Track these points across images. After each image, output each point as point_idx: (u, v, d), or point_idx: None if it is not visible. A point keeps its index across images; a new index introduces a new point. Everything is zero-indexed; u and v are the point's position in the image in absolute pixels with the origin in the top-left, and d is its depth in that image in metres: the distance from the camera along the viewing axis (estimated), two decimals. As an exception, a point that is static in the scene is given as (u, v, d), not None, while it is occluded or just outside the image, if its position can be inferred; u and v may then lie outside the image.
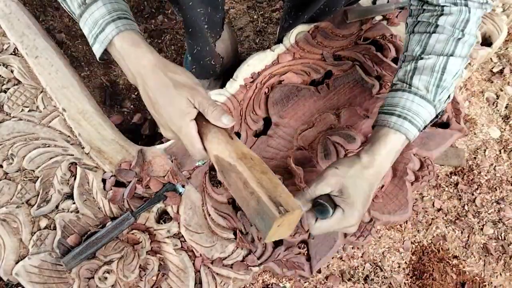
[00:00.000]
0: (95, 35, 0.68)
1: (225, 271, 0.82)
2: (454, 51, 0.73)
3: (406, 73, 0.75)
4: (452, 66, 0.73)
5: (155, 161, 0.88)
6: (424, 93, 0.73)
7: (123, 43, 0.67)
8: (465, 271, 1.07)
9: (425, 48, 0.74)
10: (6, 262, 0.78)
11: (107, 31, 0.66)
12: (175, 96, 0.64)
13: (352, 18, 1.02)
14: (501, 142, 1.23)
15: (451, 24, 0.72)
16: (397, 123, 0.71)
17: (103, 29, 0.67)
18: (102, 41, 0.67)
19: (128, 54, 0.67)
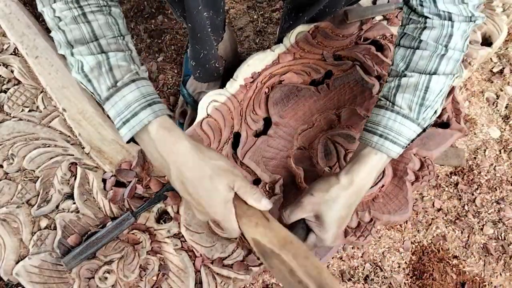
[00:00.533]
0: (124, 119, 0.64)
1: (225, 271, 0.82)
2: (437, 69, 0.70)
3: (390, 90, 0.73)
4: (435, 85, 0.71)
5: (155, 161, 0.88)
6: (406, 112, 0.71)
7: (159, 128, 0.64)
8: (465, 271, 1.07)
9: (409, 65, 0.72)
10: (7, 262, 0.78)
11: (141, 115, 0.64)
12: (218, 185, 0.64)
13: (352, 18, 1.02)
14: (501, 142, 1.23)
15: (434, 39, 0.70)
16: (379, 143, 0.70)
17: (136, 113, 0.64)
18: (133, 126, 0.64)
19: (163, 138, 0.65)
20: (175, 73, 1.29)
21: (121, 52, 0.65)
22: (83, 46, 0.64)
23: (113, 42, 0.66)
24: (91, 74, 0.64)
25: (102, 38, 0.65)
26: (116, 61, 0.65)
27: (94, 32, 0.64)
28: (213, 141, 0.91)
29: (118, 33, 0.67)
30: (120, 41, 0.67)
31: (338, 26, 1.04)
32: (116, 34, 0.67)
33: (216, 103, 0.93)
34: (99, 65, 0.64)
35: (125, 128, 0.64)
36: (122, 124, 0.64)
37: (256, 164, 0.89)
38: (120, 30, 0.67)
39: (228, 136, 0.92)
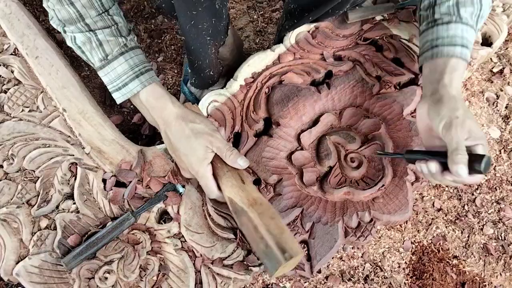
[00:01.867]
0: (116, 87, 0.76)
1: (226, 271, 0.82)
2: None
3: (450, 7, 0.80)
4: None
5: (155, 161, 0.88)
6: (471, 23, 0.79)
7: (148, 96, 0.76)
8: (465, 271, 1.07)
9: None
10: (7, 262, 0.78)
11: (130, 86, 0.75)
12: (195, 145, 0.74)
13: (352, 19, 1.02)
14: (501, 142, 1.23)
15: None
16: (463, 52, 0.77)
17: (126, 84, 0.75)
18: (124, 94, 0.76)
19: (152, 105, 0.76)
20: (175, 73, 1.29)
21: (107, 29, 0.74)
22: (72, 25, 0.73)
23: (99, 19, 0.74)
24: (84, 47, 0.75)
25: (88, 17, 0.73)
26: (104, 37, 0.74)
27: (79, 13, 0.72)
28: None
29: (102, 9, 0.74)
30: (105, 17, 0.75)
31: (338, 26, 1.04)
32: (100, 11, 0.74)
33: (216, 103, 0.93)
34: (89, 40, 0.74)
35: (117, 93, 0.77)
36: (114, 90, 0.77)
37: (256, 164, 0.89)
38: (103, 5, 0.74)
39: (229, 136, 0.92)
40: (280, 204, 0.87)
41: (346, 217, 0.87)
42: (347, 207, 0.88)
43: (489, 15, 1.08)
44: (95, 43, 0.74)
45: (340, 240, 0.86)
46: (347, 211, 0.88)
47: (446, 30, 0.79)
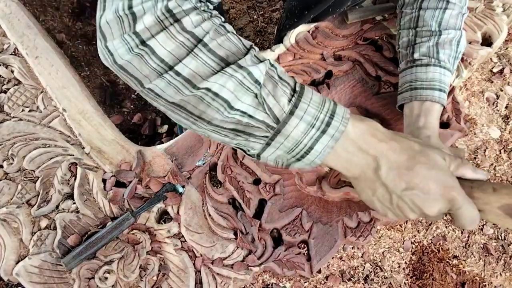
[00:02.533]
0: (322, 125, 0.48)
1: (226, 271, 0.82)
2: (461, 26, 0.82)
3: (430, 48, 0.81)
4: (463, 39, 0.82)
5: (155, 161, 0.88)
6: (449, 66, 0.80)
7: (355, 122, 0.51)
8: (465, 271, 1.07)
9: (441, 23, 0.81)
10: (7, 262, 0.78)
11: (340, 112, 0.50)
12: (434, 157, 0.53)
13: (352, 19, 1.02)
14: (501, 142, 1.23)
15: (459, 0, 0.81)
16: (441, 97, 0.78)
17: (333, 111, 0.49)
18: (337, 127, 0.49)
19: (362, 133, 0.51)
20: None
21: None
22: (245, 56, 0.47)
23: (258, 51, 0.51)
24: (264, 90, 0.47)
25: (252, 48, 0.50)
26: (280, 68, 0.51)
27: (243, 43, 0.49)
28: (213, 141, 0.91)
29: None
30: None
31: (338, 26, 1.04)
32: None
33: (216, 103, 0.93)
34: (269, 75, 0.48)
35: (325, 137, 0.49)
36: (320, 133, 0.48)
37: (256, 164, 0.89)
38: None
39: (228, 136, 0.92)
40: (280, 204, 0.87)
41: (346, 217, 0.87)
42: (347, 207, 0.88)
43: (489, 15, 1.08)
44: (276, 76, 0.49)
45: (340, 240, 0.86)
46: (347, 211, 0.88)
47: (425, 73, 0.80)
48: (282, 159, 0.51)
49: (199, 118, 0.47)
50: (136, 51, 0.44)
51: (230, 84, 0.44)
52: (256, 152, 0.50)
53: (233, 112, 0.46)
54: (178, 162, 0.89)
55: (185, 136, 0.92)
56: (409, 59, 0.84)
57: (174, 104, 0.46)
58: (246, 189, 0.88)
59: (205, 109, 0.45)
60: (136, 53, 0.44)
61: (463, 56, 1.03)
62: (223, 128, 0.48)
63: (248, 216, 0.86)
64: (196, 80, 0.44)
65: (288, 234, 0.86)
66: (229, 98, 0.45)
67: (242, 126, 0.47)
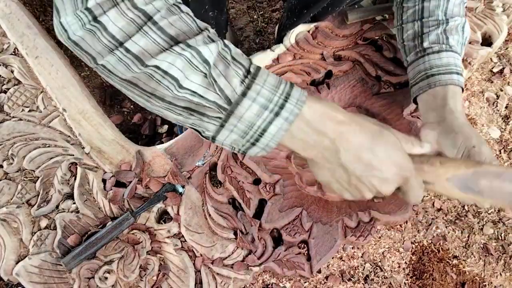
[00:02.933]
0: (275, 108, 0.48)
1: (226, 271, 0.82)
2: (464, 13, 0.84)
3: (439, 35, 0.82)
4: (467, 26, 0.84)
5: (155, 161, 0.88)
6: (459, 51, 0.82)
7: (313, 104, 0.50)
8: (465, 271, 1.07)
9: (446, 12, 0.82)
10: (7, 262, 0.78)
11: (295, 94, 0.49)
12: (390, 137, 0.55)
13: (352, 19, 1.02)
14: (501, 142, 1.23)
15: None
16: (460, 80, 0.79)
17: (288, 94, 0.49)
18: (291, 110, 0.49)
19: (319, 115, 0.51)
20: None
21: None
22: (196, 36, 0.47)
23: (213, 33, 0.51)
24: (215, 70, 0.47)
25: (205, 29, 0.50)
26: (235, 49, 0.51)
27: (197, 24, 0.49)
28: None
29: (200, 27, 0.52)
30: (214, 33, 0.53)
31: (338, 26, 1.04)
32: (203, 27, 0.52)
33: (216, 103, 0.93)
34: (221, 56, 0.48)
35: (279, 119, 0.49)
36: (274, 116, 0.48)
37: (256, 164, 0.89)
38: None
39: (228, 136, 0.92)
40: (280, 204, 0.87)
41: (346, 217, 0.87)
42: (347, 207, 0.88)
43: (489, 15, 1.08)
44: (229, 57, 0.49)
45: (340, 240, 0.86)
46: (347, 211, 0.88)
47: (439, 59, 0.80)
48: (237, 144, 0.51)
49: (152, 95, 0.47)
50: (89, 27, 0.44)
51: (179, 63, 0.44)
52: (211, 134, 0.50)
53: (183, 91, 0.46)
54: (178, 162, 0.89)
55: (185, 136, 0.92)
56: (418, 49, 0.83)
57: (126, 81, 0.47)
58: (246, 189, 0.88)
59: (156, 86, 0.46)
60: (89, 29, 0.44)
61: (463, 56, 1.03)
62: (176, 106, 0.48)
63: (248, 216, 0.86)
64: (145, 58, 0.44)
65: (288, 234, 0.86)
66: (178, 76, 0.45)
67: (194, 105, 0.47)
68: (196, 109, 0.48)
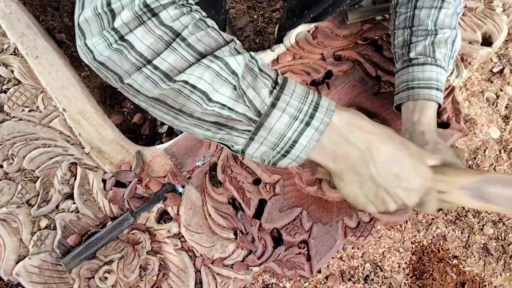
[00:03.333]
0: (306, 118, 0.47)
1: (226, 271, 0.82)
2: (456, 25, 0.82)
3: (426, 47, 0.81)
4: (458, 39, 0.83)
5: (155, 161, 0.88)
6: (444, 65, 0.81)
7: (343, 113, 0.49)
8: (465, 271, 1.07)
9: (437, 23, 0.81)
10: (7, 262, 0.78)
11: (324, 104, 0.48)
12: (412, 148, 0.55)
13: (352, 19, 1.02)
14: (501, 142, 1.23)
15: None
16: (438, 96, 0.79)
17: (317, 103, 0.48)
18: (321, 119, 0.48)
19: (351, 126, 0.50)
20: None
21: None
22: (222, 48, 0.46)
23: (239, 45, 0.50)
24: (244, 82, 0.46)
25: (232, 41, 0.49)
26: (261, 61, 0.50)
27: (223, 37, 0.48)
28: (213, 142, 0.91)
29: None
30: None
31: (338, 26, 1.04)
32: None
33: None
34: (248, 67, 0.47)
35: (310, 129, 0.47)
36: (304, 126, 0.47)
37: (256, 164, 0.89)
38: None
39: (228, 136, 0.92)
40: (280, 204, 0.87)
41: (346, 217, 0.87)
42: (347, 207, 0.88)
43: (489, 15, 1.08)
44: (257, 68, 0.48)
45: (340, 240, 0.86)
46: (347, 211, 0.88)
47: (422, 72, 0.80)
48: (268, 155, 0.50)
49: (180, 112, 0.46)
50: (115, 47, 0.43)
51: (207, 76, 0.44)
52: (240, 148, 0.49)
53: (212, 105, 0.45)
54: (178, 162, 0.89)
55: (185, 136, 0.92)
56: (405, 58, 0.84)
57: (154, 99, 0.46)
58: (246, 189, 0.88)
59: (184, 102, 0.45)
60: (115, 48, 0.43)
61: (463, 56, 1.03)
62: (205, 121, 0.47)
63: (248, 216, 0.86)
64: (173, 74, 0.44)
65: (288, 234, 0.86)
66: (207, 89, 0.44)
67: (223, 119, 0.46)
68: (225, 123, 0.47)
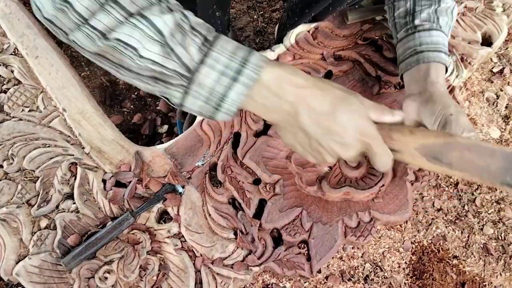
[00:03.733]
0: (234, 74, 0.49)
1: (226, 271, 0.82)
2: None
3: (431, 14, 0.83)
4: (455, 10, 0.86)
5: (155, 161, 0.88)
6: (447, 33, 0.84)
7: (274, 68, 0.51)
8: (465, 271, 1.07)
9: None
10: (7, 262, 0.78)
11: (253, 60, 0.50)
12: (353, 102, 0.55)
13: (352, 20, 1.02)
14: (501, 142, 1.23)
15: None
16: (446, 59, 0.80)
17: (246, 60, 0.50)
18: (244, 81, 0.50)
19: (281, 81, 0.52)
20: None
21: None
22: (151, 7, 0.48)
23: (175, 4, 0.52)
24: (172, 39, 0.48)
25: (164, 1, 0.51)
26: (196, 19, 0.51)
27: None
28: (213, 141, 0.91)
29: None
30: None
31: (338, 26, 1.04)
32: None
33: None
34: (179, 25, 0.49)
35: (238, 85, 0.50)
36: (232, 81, 0.50)
37: (256, 164, 0.89)
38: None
39: (228, 136, 0.92)
40: (280, 204, 0.87)
41: (346, 217, 0.87)
42: (347, 207, 0.88)
43: (489, 15, 1.08)
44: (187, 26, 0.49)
45: (340, 240, 0.86)
46: (347, 211, 0.88)
47: (429, 37, 0.82)
48: (204, 110, 0.53)
49: (120, 66, 0.51)
50: (59, 6, 0.47)
51: (136, 34, 0.47)
52: (178, 101, 0.52)
53: (144, 60, 0.48)
54: (178, 162, 0.89)
55: (185, 136, 0.92)
56: (409, 26, 0.85)
57: (96, 54, 0.51)
58: (246, 189, 0.88)
59: (120, 57, 0.49)
60: (59, 8, 0.47)
61: (463, 56, 1.03)
62: (142, 76, 0.51)
63: (248, 216, 0.86)
64: (107, 32, 0.47)
65: (288, 234, 0.86)
66: (136, 46, 0.47)
67: (158, 74, 0.50)
68: (160, 78, 0.50)
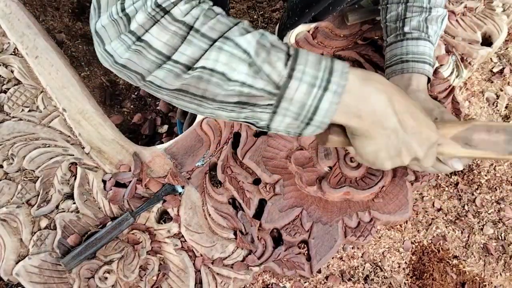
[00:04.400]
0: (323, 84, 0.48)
1: (226, 271, 0.82)
2: (446, 4, 0.87)
3: (420, 23, 0.84)
4: (445, 18, 0.87)
5: (155, 161, 0.88)
6: (434, 42, 0.85)
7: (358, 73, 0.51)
8: (465, 271, 1.07)
9: (431, 0, 0.85)
10: (6, 262, 0.78)
11: (338, 68, 0.49)
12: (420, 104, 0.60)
13: (352, 21, 1.02)
14: (501, 142, 1.23)
15: None
16: (429, 71, 0.82)
17: (332, 68, 0.49)
18: (336, 89, 0.49)
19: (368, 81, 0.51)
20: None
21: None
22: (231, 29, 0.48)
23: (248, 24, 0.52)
24: (258, 58, 0.47)
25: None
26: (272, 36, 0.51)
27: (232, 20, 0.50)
28: (213, 141, 0.91)
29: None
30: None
31: (338, 26, 1.04)
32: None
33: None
34: (260, 44, 0.48)
35: (328, 93, 0.49)
36: (322, 91, 0.48)
37: (256, 164, 0.89)
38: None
39: (228, 136, 0.92)
40: (280, 204, 0.87)
41: (346, 217, 0.87)
42: (347, 207, 0.88)
43: (489, 15, 1.08)
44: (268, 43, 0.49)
45: (340, 240, 0.86)
46: (347, 211, 0.88)
47: (416, 46, 0.83)
48: (293, 127, 0.51)
49: (203, 98, 0.48)
50: (134, 48, 0.46)
51: (222, 57, 0.46)
52: (265, 123, 0.51)
53: (232, 84, 0.47)
54: (178, 162, 0.89)
55: (185, 136, 0.92)
56: (398, 32, 0.86)
57: (177, 91, 0.48)
58: (246, 189, 0.88)
59: (206, 87, 0.47)
60: (134, 49, 0.46)
61: (463, 56, 1.03)
62: (228, 103, 0.49)
63: (248, 216, 0.86)
64: (192, 63, 0.46)
65: (288, 234, 0.86)
66: (224, 70, 0.46)
67: (245, 97, 0.48)
68: (247, 101, 0.49)
